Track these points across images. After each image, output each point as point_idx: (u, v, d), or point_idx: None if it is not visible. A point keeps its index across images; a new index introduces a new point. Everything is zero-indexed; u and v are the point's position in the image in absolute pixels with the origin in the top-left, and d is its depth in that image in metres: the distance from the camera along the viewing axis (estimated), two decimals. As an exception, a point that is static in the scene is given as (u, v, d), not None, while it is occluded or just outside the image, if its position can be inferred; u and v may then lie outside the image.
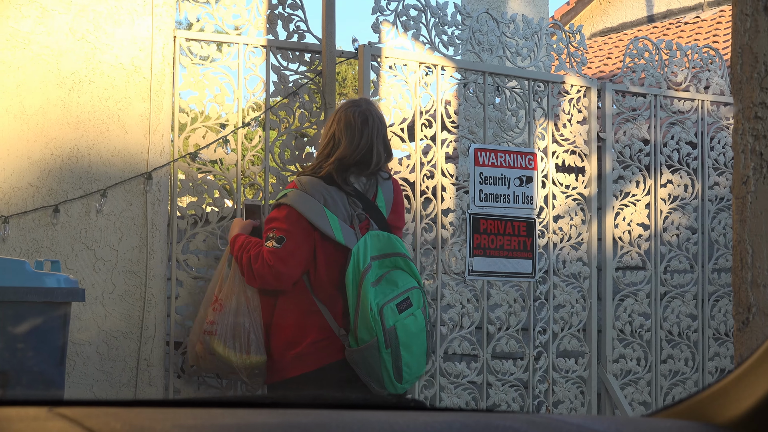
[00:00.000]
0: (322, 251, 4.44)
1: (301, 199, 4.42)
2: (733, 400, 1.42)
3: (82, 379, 4.91)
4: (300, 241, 4.41)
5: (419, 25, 5.83)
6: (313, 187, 4.45)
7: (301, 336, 4.45)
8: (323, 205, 4.41)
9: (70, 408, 1.31)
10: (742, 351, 3.11)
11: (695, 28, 13.67)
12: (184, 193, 5.27)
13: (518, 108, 6.15)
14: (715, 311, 6.75)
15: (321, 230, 4.40)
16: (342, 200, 4.47)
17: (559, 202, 6.22)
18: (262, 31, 5.44)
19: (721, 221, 6.79)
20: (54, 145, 4.92)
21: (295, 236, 4.41)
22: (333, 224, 4.40)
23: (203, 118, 5.27)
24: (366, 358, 4.35)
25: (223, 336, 4.56)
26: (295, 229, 4.41)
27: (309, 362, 4.45)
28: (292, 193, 4.46)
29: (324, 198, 4.43)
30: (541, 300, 6.17)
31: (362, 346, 4.33)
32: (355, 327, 4.35)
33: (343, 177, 4.50)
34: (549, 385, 6.17)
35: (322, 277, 4.44)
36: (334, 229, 4.39)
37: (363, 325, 4.32)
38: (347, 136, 4.50)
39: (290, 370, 4.48)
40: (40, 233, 4.89)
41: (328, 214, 4.40)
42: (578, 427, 1.40)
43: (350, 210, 4.48)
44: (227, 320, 4.57)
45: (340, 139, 4.52)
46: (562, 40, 6.39)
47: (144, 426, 1.22)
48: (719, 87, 6.87)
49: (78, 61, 4.98)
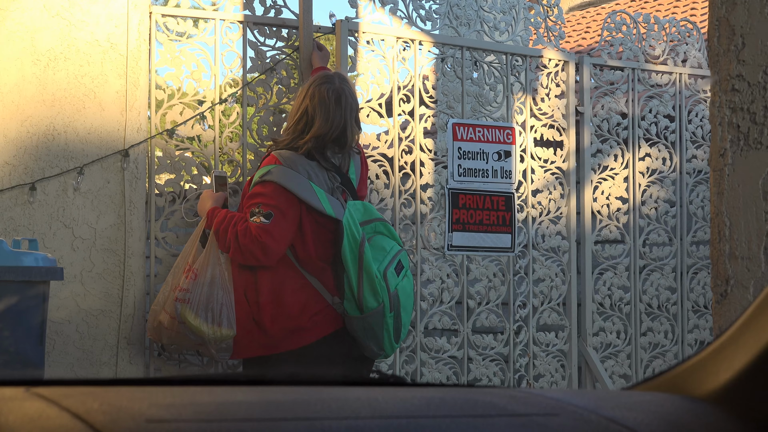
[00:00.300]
0: (308, 225, 4.46)
1: (288, 175, 4.44)
2: (711, 373, 1.42)
3: (62, 357, 4.90)
4: (287, 216, 4.43)
5: (396, 0, 5.81)
6: (296, 162, 4.47)
7: (299, 310, 4.48)
8: (308, 180, 4.44)
9: (48, 388, 1.30)
10: (720, 323, 3.13)
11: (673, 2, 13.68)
12: (161, 170, 5.25)
13: (496, 82, 6.14)
14: (694, 284, 6.78)
15: (309, 204, 4.43)
16: (323, 175, 4.50)
17: (538, 176, 6.22)
18: (239, 7, 5.41)
19: (699, 194, 6.81)
20: (30, 122, 4.89)
21: (282, 211, 4.43)
22: (321, 197, 4.43)
23: (180, 95, 5.24)
24: (370, 324, 4.43)
25: (195, 305, 4.57)
26: (282, 204, 4.43)
27: (309, 335, 4.48)
28: (277, 168, 4.46)
29: (308, 173, 4.45)
30: (521, 274, 6.18)
31: (368, 312, 4.39)
32: (359, 295, 4.40)
33: (322, 153, 4.52)
34: (530, 359, 6.18)
35: (310, 250, 4.47)
36: (323, 202, 4.42)
37: (369, 292, 4.39)
38: (321, 114, 4.52)
39: (288, 344, 4.49)
40: (17, 212, 4.86)
41: (315, 188, 4.43)
42: (558, 401, 1.40)
43: (330, 183, 4.52)
44: (201, 290, 4.57)
45: (314, 116, 4.53)
46: (539, 14, 6.37)
47: (122, 405, 1.21)
48: (697, 60, 6.87)
49: (53, 38, 4.94)
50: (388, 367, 5.67)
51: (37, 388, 1.28)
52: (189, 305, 4.58)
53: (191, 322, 4.57)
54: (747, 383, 1.38)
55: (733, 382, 1.39)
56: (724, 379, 1.40)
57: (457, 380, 5.91)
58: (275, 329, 4.50)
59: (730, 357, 1.40)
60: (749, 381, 1.37)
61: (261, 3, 5.44)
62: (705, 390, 1.42)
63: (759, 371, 1.36)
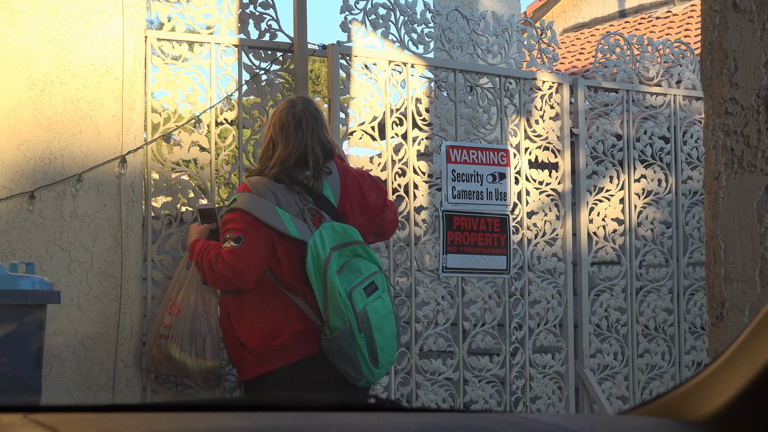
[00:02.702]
0: (281, 248, 4.48)
1: (252, 202, 4.46)
2: (707, 397, 1.42)
3: (59, 381, 4.89)
4: (257, 238, 4.45)
5: (388, 24, 5.83)
6: (263, 186, 4.49)
7: (281, 328, 4.48)
8: (274, 204, 4.45)
9: (46, 414, 1.30)
10: (716, 346, 3.13)
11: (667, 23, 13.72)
12: (158, 193, 5.25)
13: (490, 105, 6.16)
14: (691, 305, 6.79)
15: (275, 228, 4.44)
16: (293, 197, 4.51)
17: (533, 198, 6.23)
18: (234, 31, 5.43)
19: (695, 215, 6.82)
20: (26, 146, 4.90)
21: (251, 234, 4.44)
22: (286, 221, 4.44)
23: (176, 118, 5.26)
24: (341, 345, 4.40)
25: (179, 340, 4.65)
26: (250, 228, 4.45)
27: (293, 353, 4.48)
28: (242, 196, 4.50)
29: (275, 196, 4.48)
30: (516, 296, 6.18)
31: (336, 333, 4.37)
32: (326, 316, 4.40)
33: (290, 176, 4.53)
34: (526, 380, 6.18)
35: (286, 273, 4.48)
36: (287, 225, 4.44)
37: (334, 312, 4.37)
38: (283, 139, 4.55)
39: (277, 361, 4.48)
40: (14, 235, 4.87)
41: (279, 212, 4.45)
42: (553, 426, 1.40)
43: (301, 205, 4.52)
44: (183, 325, 4.65)
45: (277, 141, 4.57)
46: (533, 37, 6.40)
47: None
48: (691, 81, 6.90)
49: (49, 62, 4.96)
50: (383, 389, 5.67)
51: (35, 415, 1.29)
52: (173, 340, 4.68)
53: (176, 356, 4.65)
54: (742, 408, 1.38)
55: (728, 407, 1.39)
56: (719, 403, 1.40)
57: (453, 402, 5.90)
58: (261, 348, 4.51)
59: (725, 381, 1.40)
60: (744, 405, 1.38)
61: (256, 27, 5.47)
62: (700, 414, 1.42)
63: (754, 396, 1.37)
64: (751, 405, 1.37)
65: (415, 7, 5.93)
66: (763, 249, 3.04)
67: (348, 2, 5.73)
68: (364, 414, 1.51)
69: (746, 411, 1.38)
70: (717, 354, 2.96)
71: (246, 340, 4.54)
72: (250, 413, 1.47)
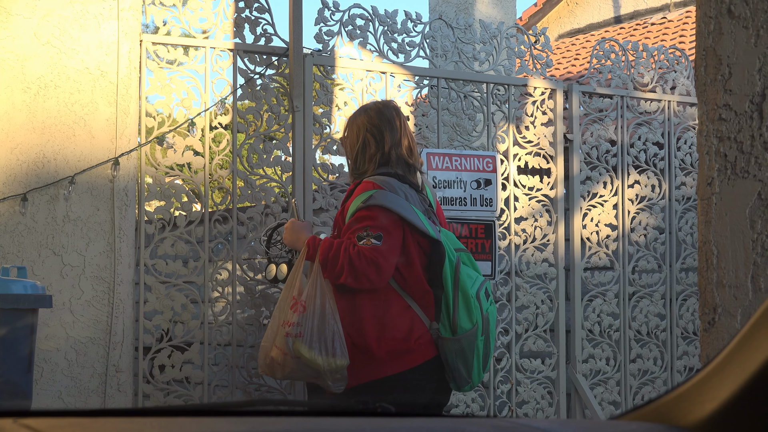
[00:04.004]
0: (413, 247, 4.42)
1: (390, 197, 4.39)
2: (698, 403, 1.43)
3: (50, 385, 4.89)
4: (395, 236, 4.37)
5: (366, 34, 5.81)
6: (393, 184, 4.44)
7: (406, 332, 4.41)
8: (408, 202, 4.43)
9: (36, 419, 1.30)
10: (708, 351, 3.13)
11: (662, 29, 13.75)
12: (151, 197, 5.25)
13: (475, 112, 6.16)
14: (683, 310, 6.80)
15: (412, 224, 4.38)
16: (417, 196, 4.49)
17: (522, 203, 6.24)
18: (230, 35, 5.44)
19: (689, 221, 6.83)
20: (20, 150, 4.90)
21: (391, 233, 4.36)
22: (422, 218, 4.42)
23: (171, 122, 5.25)
24: (463, 347, 4.39)
25: (308, 338, 4.39)
26: (389, 226, 4.37)
27: (415, 357, 4.42)
28: (378, 193, 4.42)
29: (405, 194, 4.43)
30: (503, 301, 6.18)
31: (462, 334, 4.37)
32: (454, 317, 4.37)
33: (409, 172, 4.52)
34: (512, 385, 6.18)
35: (417, 272, 4.42)
36: (424, 223, 4.41)
37: (464, 313, 4.37)
38: (387, 130, 4.51)
39: (394, 366, 4.39)
40: (6, 239, 4.86)
41: (414, 209, 4.42)
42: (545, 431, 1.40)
43: (425, 204, 4.52)
44: (312, 323, 4.41)
45: (379, 134, 4.51)
46: (524, 43, 6.40)
47: (110, 436, 1.21)
48: (685, 87, 6.91)
49: (43, 66, 4.95)
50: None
51: (25, 419, 1.28)
52: (301, 339, 4.41)
53: (305, 355, 4.40)
54: (732, 413, 1.38)
55: (719, 412, 1.39)
56: (709, 408, 1.40)
57: (446, 407, 5.89)
58: (382, 352, 4.42)
59: (716, 387, 1.41)
60: (734, 411, 1.38)
61: (251, 31, 5.47)
62: (691, 420, 1.43)
63: (744, 401, 1.37)
64: (743, 410, 1.38)
65: (396, 17, 5.91)
66: (755, 255, 3.04)
67: (323, 14, 5.70)
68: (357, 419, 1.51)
69: (737, 416, 1.38)
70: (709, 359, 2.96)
71: (362, 343, 4.42)
72: (243, 418, 1.47)
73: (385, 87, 5.84)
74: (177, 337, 5.23)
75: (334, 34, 5.72)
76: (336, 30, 5.73)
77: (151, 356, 5.18)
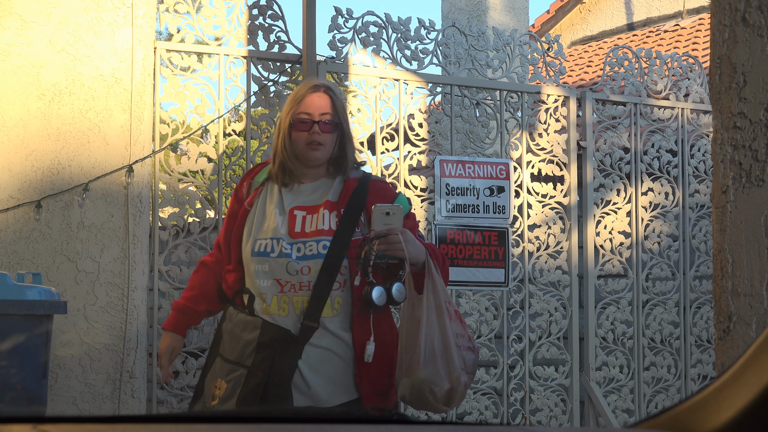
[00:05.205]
0: None
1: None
2: (714, 411, 1.42)
3: (64, 391, 4.90)
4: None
5: (380, 41, 5.82)
6: None
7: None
8: None
9: (54, 425, 1.31)
10: (723, 360, 3.12)
11: (675, 36, 13.73)
12: (165, 204, 5.26)
13: (488, 119, 6.16)
14: (697, 318, 6.78)
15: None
16: None
17: (536, 211, 6.23)
18: (243, 42, 5.45)
19: (702, 228, 6.81)
20: (34, 157, 4.91)
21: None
22: None
23: (184, 129, 5.27)
24: None
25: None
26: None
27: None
28: (406, 197, 4.39)
29: None
30: (516, 308, 6.17)
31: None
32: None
33: None
34: (525, 393, 6.17)
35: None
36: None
37: None
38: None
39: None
40: (21, 245, 4.87)
41: None
42: (560, 439, 1.40)
43: None
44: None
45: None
46: (537, 51, 6.40)
47: (126, 443, 1.22)
48: (699, 95, 6.90)
49: (58, 73, 4.97)
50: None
51: (43, 426, 1.29)
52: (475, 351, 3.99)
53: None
54: (748, 422, 1.38)
55: (735, 421, 1.39)
56: (726, 417, 1.40)
57: (445, 414, 5.88)
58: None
59: (732, 396, 1.40)
60: (751, 420, 1.38)
61: (265, 38, 5.48)
62: (707, 429, 1.42)
63: (760, 410, 1.37)
64: (759, 419, 1.37)
65: (409, 24, 5.92)
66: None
67: (336, 21, 5.72)
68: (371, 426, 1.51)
69: (754, 425, 1.38)
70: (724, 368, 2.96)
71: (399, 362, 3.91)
72: (257, 425, 1.47)
73: (398, 94, 5.84)
74: (191, 343, 5.23)
75: (347, 42, 5.73)
76: (349, 37, 5.74)
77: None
